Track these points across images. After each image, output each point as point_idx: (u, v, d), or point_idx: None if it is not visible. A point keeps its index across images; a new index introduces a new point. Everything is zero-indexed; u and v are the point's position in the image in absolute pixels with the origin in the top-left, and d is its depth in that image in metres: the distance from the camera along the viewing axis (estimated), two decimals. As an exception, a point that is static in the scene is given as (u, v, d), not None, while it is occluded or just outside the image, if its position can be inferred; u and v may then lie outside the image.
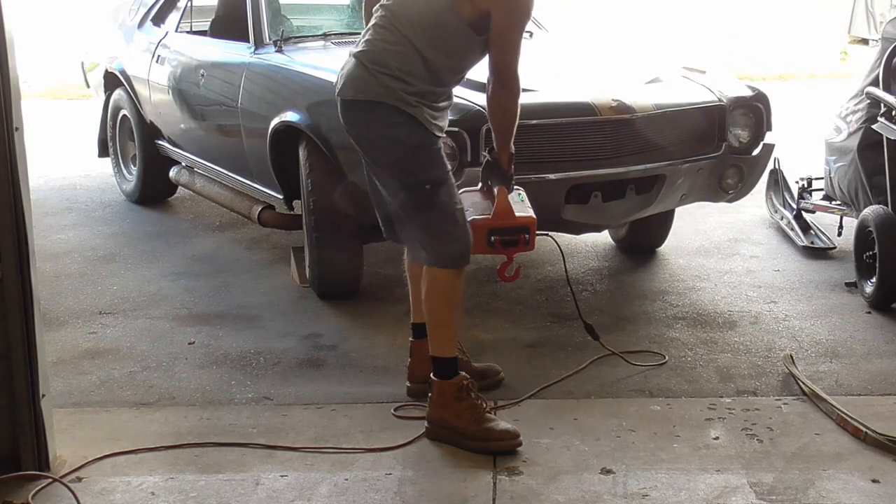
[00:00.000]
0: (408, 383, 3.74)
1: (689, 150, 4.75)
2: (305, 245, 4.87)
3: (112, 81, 6.77)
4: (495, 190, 3.54)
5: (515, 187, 3.61)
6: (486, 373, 3.82)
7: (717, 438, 3.44)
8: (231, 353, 4.23)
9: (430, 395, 3.44)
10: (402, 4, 3.36)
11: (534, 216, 3.55)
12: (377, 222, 3.64)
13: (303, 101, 4.77)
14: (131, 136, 6.65)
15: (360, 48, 3.38)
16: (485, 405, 3.41)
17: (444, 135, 3.49)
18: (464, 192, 3.58)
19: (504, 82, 3.39)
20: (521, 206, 3.58)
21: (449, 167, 3.44)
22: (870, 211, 4.79)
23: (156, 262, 5.50)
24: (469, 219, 3.45)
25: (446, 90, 3.45)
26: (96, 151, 7.04)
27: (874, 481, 3.14)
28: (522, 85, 4.64)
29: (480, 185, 3.61)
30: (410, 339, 3.73)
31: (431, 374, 3.44)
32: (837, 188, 5.47)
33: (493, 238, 3.50)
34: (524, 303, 4.82)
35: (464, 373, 3.44)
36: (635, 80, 4.92)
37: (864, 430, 3.39)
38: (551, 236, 3.93)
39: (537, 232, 3.56)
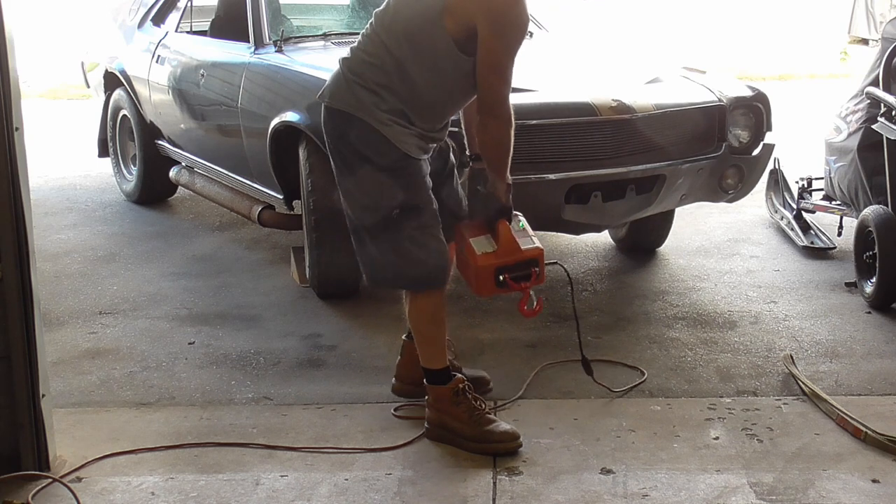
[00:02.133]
0: (393, 380, 3.71)
1: (690, 150, 4.75)
2: (305, 245, 4.87)
3: (112, 81, 6.77)
4: (496, 224, 3.34)
5: (514, 213, 3.42)
6: (476, 382, 3.67)
7: (717, 438, 3.44)
8: (231, 353, 4.23)
9: (426, 397, 3.41)
10: (388, 15, 3.20)
11: (540, 246, 3.39)
12: None
13: (303, 101, 4.77)
14: (131, 136, 6.65)
15: (346, 54, 3.26)
16: (483, 406, 3.38)
17: (433, 150, 3.31)
18: (461, 225, 3.41)
19: (491, 109, 3.15)
20: (524, 235, 3.39)
21: (426, 187, 3.24)
22: (870, 211, 4.79)
23: (156, 262, 5.50)
24: (473, 260, 3.31)
25: (431, 115, 3.21)
26: (96, 151, 7.05)
27: (874, 481, 3.14)
28: (522, 85, 4.65)
29: (478, 218, 3.41)
30: (403, 337, 3.70)
31: (425, 381, 3.40)
32: (837, 188, 5.47)
33: (501, 277, 3.33)
34: (524, 303, 4.81)
35: (459, 374, 3.40)
36: (635, 80, 4.93)
37: (864, 430, 3.39)
38: (561, 265, 3.72)
39: (546, 262, 3.40)
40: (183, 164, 6.18)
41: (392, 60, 3.12)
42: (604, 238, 5.66)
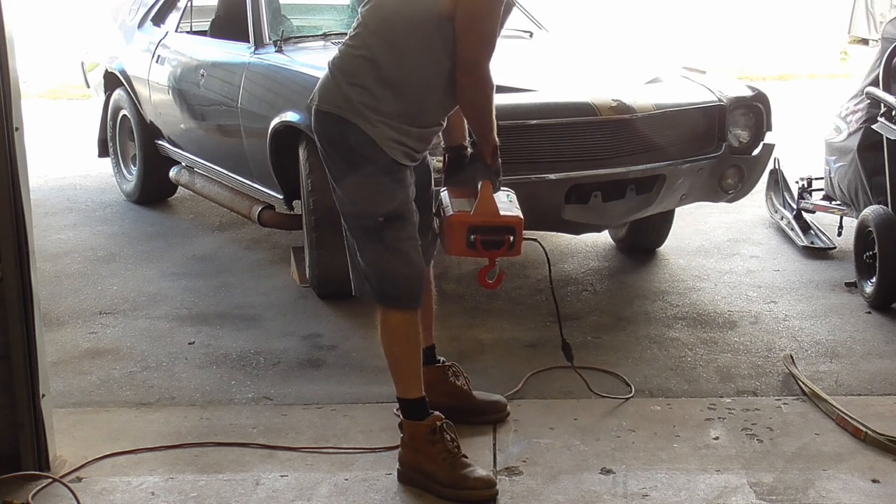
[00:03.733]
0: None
1: (689, 150, 4.75)
2: (305, 245, 4.87)
3: (112, 81, 6.77)
4: (480, 185, 3.21)
5: (505, 189, 3.32)
6: (489, 407, 3.54)
7: (717, 438, 3.44)
8: (231, 353, 4.23)
9: (401, 435, 3.19)
10: (376, 4, 3.07)
11: (521, 216, 3.23)
12: None
13: (303, 101, 4.74)
14: (131, 136, 6.65)
15: (334, 55, 3.15)
16: (459, 449, 3.13)
17: (420, 158, 3.16)
18: (447, 189, 3.32)
19: (470, 70, 3.00)
20: (509, 205, 3.26)
21: (410, 198, 3.11)
22: (870, 211, 4.79)
23: (156, 262, 5.50)
24: (447, 214, 3.20)
25: (424, 103, 3.07)
26: (96, 151, 7.05)
27: (874, 481, 3.14)
28: (522, 85, 4.66)
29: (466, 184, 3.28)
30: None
31: (400, 415, 3.20)
32: (837, 188, 5.47)
33: (473, 237, 3.17)
34: (524, 303, 4.82)
35: (436, 413, 3.15)
36: (635, 80, 4.93)
37: (864, 430, 3.39)
38: (537, 240, 3.52)
39: (525, 236, 3.22)
40: (183, 164, 6.18)
41: (383, 46, 3.01)
42: (604, 238, 5.66)
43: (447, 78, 3.04)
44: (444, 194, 3.30)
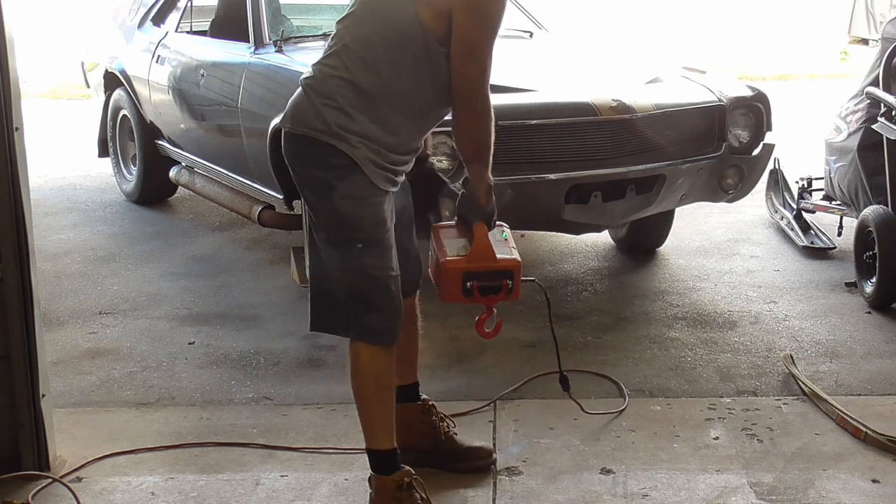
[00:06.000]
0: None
1: (689, 150, 4.75)
2: (305, 245, 4.85)
3: (112, 81, 6.77)
4: (473, 227, 2.97)
5: (500, 224, 3.08)
6: (471, 454, 3.26)
7: (717, 438, 3.44)
8: (231, 353, 4.23)
9: (369, 491, 2.99)
10: (355, 19, 2.85)
11: (518, 259, 3.01)
12: None
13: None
14: (131, 136, 6.65)
15: (308, 73, 2.90)
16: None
17: (399, 182, 2.94)
18: (439, 224, 3.11)
19: (469, 104, 2.80)
20: (504, 245, 3.04)
21: (390, 224, 2.87)
22: (870, 211, 4.79)
23: (156, 262, 5.50)
24: (440, 260, 2.97)
25: (406, 126, 2.85)
26: (96, 151, 7.04)
27: (874, 481, 3.14)
28: (522, 85, 4.65)
29: (456, 219, 3.04)
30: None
31: (370, 469, 2.98)
32: (837, 188, 5.47)
33: (469, 284, 2.95)
34: (524, 303, 4.76)
35: (407, 468, 2.95)
36: (635, 80, 4.93)
37: (864, 430, 3.39)
38: (536, 280, 3.31)
39: (522, 278, 3.01)
40: (183, 164, 6.18)
41: (362, 67, 2.78)
42: (604, 238, 5.66)
43: (432, 101, 2.86)
44: (438, 232, 3.08)
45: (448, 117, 2.92)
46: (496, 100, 2.92)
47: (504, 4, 2.79)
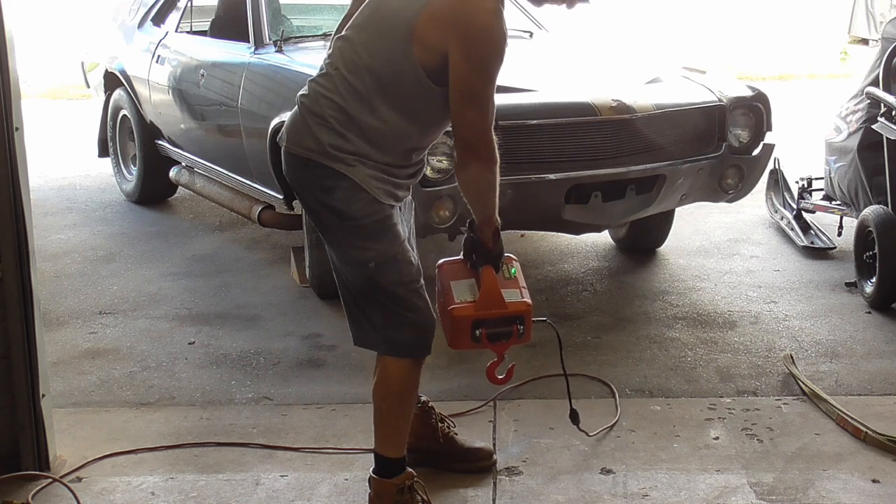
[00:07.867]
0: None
1: (689, 150, 4.75)
2: (305, 245, 4.87)
3: (112, 81, 6.77)
4: (481, 270, 2.87)
5: (507, 256, 2.97)
6: (471, 454, 3.25)
7: (717, 438, 3.44)
8: (231, 353, 4.23)
9: (368, 492, 2.98)
10: (348, 46, 2.77)
11: (528, 301, 2.92)
12: None
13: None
14: (131, 136, 6.65)
15: (304, 90, 2.84)
16: None
17: (402, 198, 2.88)
18: (444, 262, 3.00)
19: (472, 148, 2.68)
20: (514, 285, 2.93)
21: (402, 238, 2.81)
22: (870, 211, 4.79)
23: (156, 262, 5.50)
24: (449, 307, 2.88)
25: (401, 151, 2.78)
26: (96, 151, 7.05)
27: (874, 481, 3.14)
28: (522, 85, 4.64)
29: (462, 256, 2.96)
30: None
31: (371, 471, 2.96)
32: (837, 188, 5.47)
33: (478, 332, 2.85)
34: (524, 303, 4.81)
35: (410, 470, 2.93)
36: (635, 80, 4.93)
37: (864, 430, 3.39)
38: (551, 323, 3.21)
39: (534, 318, 2.91)
40: (183, 164, 6.18)
41: (353, 95, 2.71)
42: (604, 238, 5.66)
43: (427, 126, 2.80)
44: (443, 270, 2.98)
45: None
46: (496, 100, 2.84)
47: (503, 53, 2.65)
